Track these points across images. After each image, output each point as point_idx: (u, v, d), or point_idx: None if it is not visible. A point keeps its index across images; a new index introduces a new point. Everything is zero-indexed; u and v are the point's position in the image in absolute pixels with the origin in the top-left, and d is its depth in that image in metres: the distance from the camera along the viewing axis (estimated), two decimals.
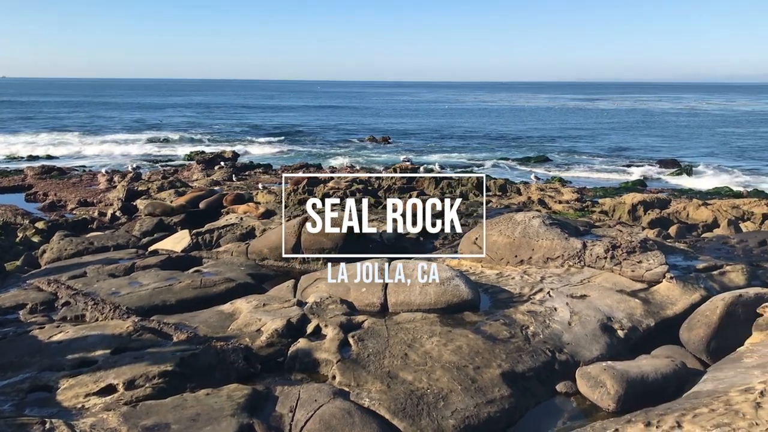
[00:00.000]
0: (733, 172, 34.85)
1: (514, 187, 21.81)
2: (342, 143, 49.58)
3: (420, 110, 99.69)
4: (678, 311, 7.71)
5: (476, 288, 8.02)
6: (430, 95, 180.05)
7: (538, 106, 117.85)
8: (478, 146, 48.28)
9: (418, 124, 71.03)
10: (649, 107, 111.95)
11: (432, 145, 49.09)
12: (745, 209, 16.28)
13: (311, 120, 75.39)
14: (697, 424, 5.00)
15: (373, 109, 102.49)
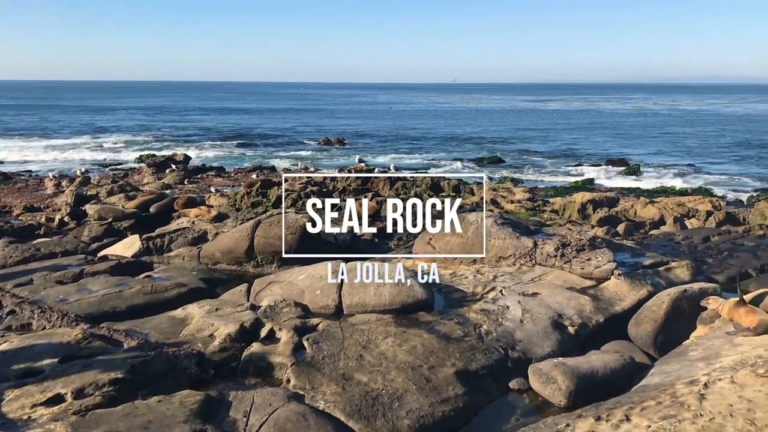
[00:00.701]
0: (679, 170, 35.87)
1: (467, 187, 22.03)
2: (296, 145, 49.36)
3: (374, 112, 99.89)
4: (626, 307, 7.90)
5: (430, 288, 8.08)
6: (385, 97, 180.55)
7: (491, 107, 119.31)
8: (432, 147, 48.63)
9: (373, 125, 71.18)
10: (598, 108, 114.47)
11: (387, 146, 49.25)
12: (690, 207, 16.79)
13: (265, 122, 74.85)
14: (644, 416, 5.14)
15: (327, 111, 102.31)
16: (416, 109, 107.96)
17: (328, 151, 44.97)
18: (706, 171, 35.71)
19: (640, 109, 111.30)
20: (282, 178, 24.68)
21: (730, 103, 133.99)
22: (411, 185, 21.55)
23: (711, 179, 32.62)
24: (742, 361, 5.93)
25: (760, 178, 33.59)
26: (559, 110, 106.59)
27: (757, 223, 14.29)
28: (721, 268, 9.76)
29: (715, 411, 5.07)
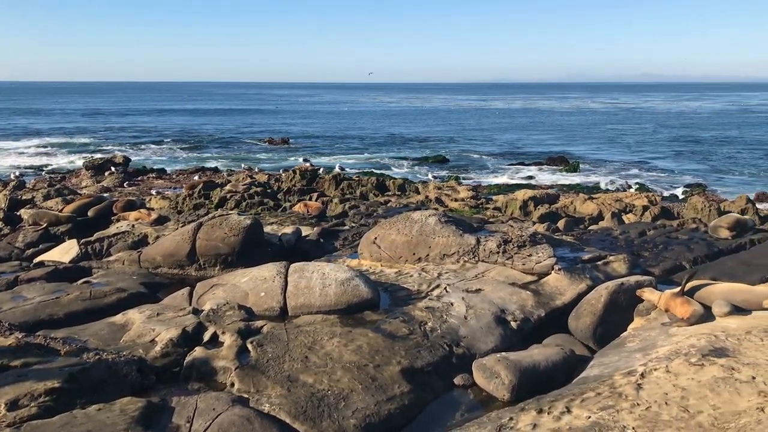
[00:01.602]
0: (616, 166, 36.91)
1: (412, 186, 22.17)
2: (240, 145, 48.77)
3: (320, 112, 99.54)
4: (566, 301, 8.09)
5: (376, 287, 8.10)
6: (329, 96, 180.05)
7: (436, 107, 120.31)
8: (378, 147, 48.77)
9: (318, 125, 70.92)
10: (538, 107, 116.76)
11: (332, 146, 49.14)
12: (627, 202, 17.29)
13: (208, 123, 73.74)
14: (584, 407, 5.27)
15: (271, 111, 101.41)
16: (362, 110, 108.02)
17: (272, 152, 44.59)
18: (643, 167, 36.84)
19: (578, 107, 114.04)
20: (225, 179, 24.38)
21: (664, 101, 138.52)
22: (357, 185, 21.56)
23: (648, 175, 33.68)
24: (677, 350, 6.14)
25: (694, 173, 34.85)
26: (502, 109, 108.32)
27: (690, 217, 14.81)
28: (656, 261, 10.08)
29: (651, 400, 5.24)
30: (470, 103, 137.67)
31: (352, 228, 12.98)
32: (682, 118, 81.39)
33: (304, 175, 22.65)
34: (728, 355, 5.84)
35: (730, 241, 11.04)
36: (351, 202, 17.47)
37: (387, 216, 12.40)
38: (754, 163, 39.09)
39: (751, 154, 43.11)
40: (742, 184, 31.27)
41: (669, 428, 4.78)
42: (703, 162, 39.41)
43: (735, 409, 4.92)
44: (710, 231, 11.63)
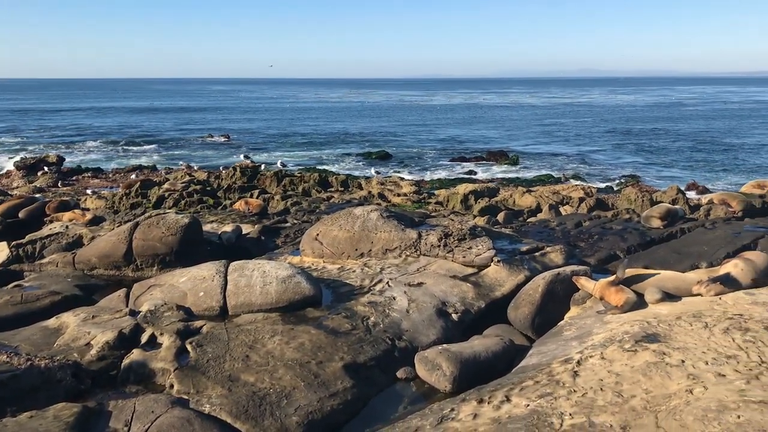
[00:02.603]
0: (554, 160, 37.73)
1: (355, 182, 22.18)
2: (180, 143, 47.83)
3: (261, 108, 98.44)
4: (505, 292, 8.22)
5: (318, 284, 8.06)
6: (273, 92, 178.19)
7: (379, 102, 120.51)
8: (320, 143, 48.58)
9: (260, 121, 70.16)
10: (479, 102, 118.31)
11: (274, 142, 48.70)
12: (564, 194, 17.71)
13: (147, 120, 72.07)
14: (523, 396, 5.38)
15: (212, 107, 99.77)
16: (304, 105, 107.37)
17: (212, 149, 43.89)
18: (580, 160, 37.77)
19: (517, 102, 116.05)
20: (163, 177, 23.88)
21: (599, 96, 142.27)
22: (299, 181, 21.44)
23: (585, 167, 34.55)
24: (611, 337, 6.32)
25: (630, 165, 35.95)
26: (443, 105, 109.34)
27: (624, 208, 15.28)
28: (592, 251, 10.34)
29: (587, 386, 5.38)
30: (413, 98, 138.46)
31: (294, 225, 12.90)
32: (618, 112, 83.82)
33: (244, 172, 22.39)
34: (659, 340, 6.04)
35: (662, 230, 11.42)
36: (293, 199, 17.35)
37: (329, 212, 12.36)
38: (686, 153, 40.59)
39: (683, 145, 44.77)
40: (675, 174, 32.45)
41: (604, 413, 4.91)
42: (639, 154, 40.71)
43: (666, 392, 5.09)
44: (643, 221, 12.01)
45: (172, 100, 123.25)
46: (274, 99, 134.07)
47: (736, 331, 6.04)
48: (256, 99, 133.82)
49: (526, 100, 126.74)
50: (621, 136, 51.59)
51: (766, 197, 14.60)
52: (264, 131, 58.23)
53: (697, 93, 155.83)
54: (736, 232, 10.87)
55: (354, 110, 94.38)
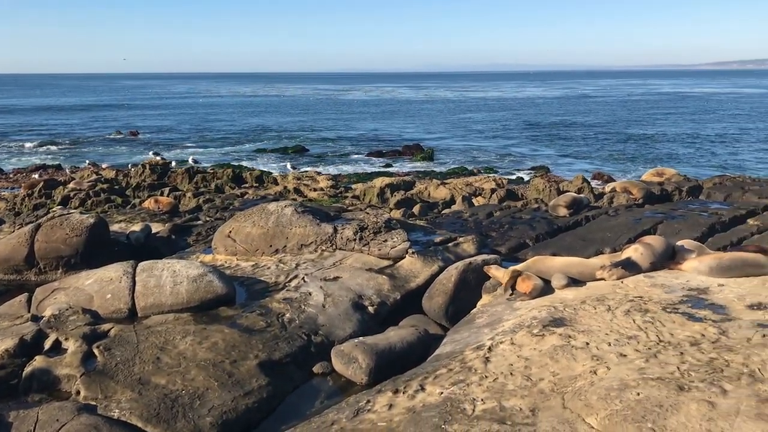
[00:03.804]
0: (468, 152, 38.51)
1: (270, 177, 21.92)
2: (86, 140, 45.89)
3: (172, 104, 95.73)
4: (420, 283, 8.33)
5: (231, 282, 7.92)
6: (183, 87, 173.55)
7: (294, 96, 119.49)
8: (234, 138, 47.71)
9: (171, 117, 68.20)
10: (395, 96, 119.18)
11: (186, 139, 47.48)
12: (477, 186, 18.11)
13: (52, 117, 68.79)
14: (437, 384, 5.46)
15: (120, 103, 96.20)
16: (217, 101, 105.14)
17: (120, 146, 42.36)
18: (493, 152, 38.69)
19: (432, 96, 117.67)
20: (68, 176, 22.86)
21: (510, 89, 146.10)
22: (212, 178, 20.99)
23: (497, 160, 35.43)
24: (520, 323, 6.51)
25: (540, 155, 37.10)
26: (360, 99, 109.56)
27: (533, 198, 15.77)
28: (503, 240, 10.62)
29: (498, 372, 5.52)
30: (329, 92, 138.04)
31: (206, 222, 12.62)
32: (529, 105, 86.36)
33: (154, 169, 21.72)
34: (566, 324, 6.26)
35: (568, 218, 11.85)
36: (205, 196, 16.98)
37: (243, 209, 12.15)
38: (593, 144, 42.28)
39: (590, 136, 46.63)
40: (583, 164, 33.74)
41: (514, 397, 5.06)
42: (549, 146, 42.11)
43: (572, 374, 5.29)
44: (550, 210, 12.43)
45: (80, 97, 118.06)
46: (186, 94, 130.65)
47: (636, 312, 6.34)
48: (167, 94, 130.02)
49: (440, 94, 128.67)
50: (532, 129, 53.22)
51: (664, 185, 15.41)
52: (175, 127, 56.66)
53: (602, 86, 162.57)
54: (637, 218, 11.42)
55: (269, 105, 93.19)
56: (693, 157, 36.76)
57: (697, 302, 6.51)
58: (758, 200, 13.35)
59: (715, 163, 34.30)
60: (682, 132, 49.85)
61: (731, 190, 14.70)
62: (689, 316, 6.13)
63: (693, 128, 52.81)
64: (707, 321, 5.99)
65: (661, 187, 14.98)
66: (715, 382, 4.76)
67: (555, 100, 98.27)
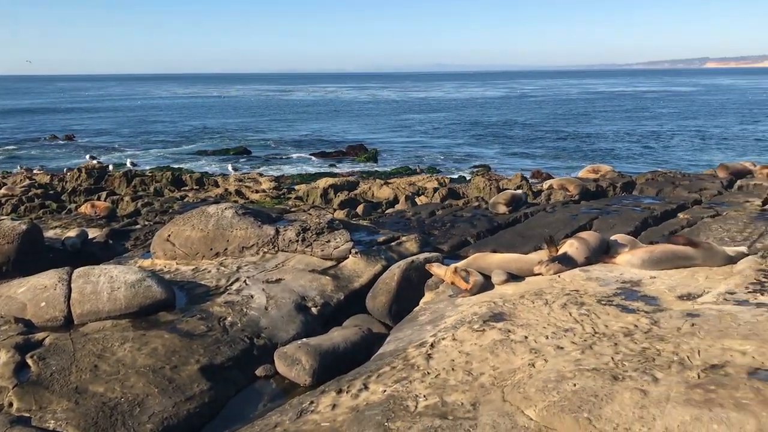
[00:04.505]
0: (411, 152, 38.76)
1: (211, 180, 21.61)
2: (19, 144, 44.27)
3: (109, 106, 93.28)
4: (364, 282, 8.37)
5: (170, 286, 7.79)
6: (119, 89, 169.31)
7: (235, 97, 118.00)
8: (174, 140, 46.84)
9: (108, 120, 66.45)
10: (338, 96, 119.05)
11: (123, 141, 46.34)
12: (420, 185, 18.26)
13: None
14: (380, 382, 5.49)
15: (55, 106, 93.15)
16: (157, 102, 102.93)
17: (55, 150, 41.04)
18: (436, 151, 39.05)
19: (375, 96, 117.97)
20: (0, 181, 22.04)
21: (452, 89, 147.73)
22: (150, 181, 20.55)
23: (440, 159, 35.79)
24: (462, 319, 6.60)
25: (481, 155, 37.64)
26: (303, 99, 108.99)
27: (473, 196, 16.00)
28: (445, 238, 10.76)
29: (440, 368, 5.59)
30: (271, 93, 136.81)
31: (145, 227, 12.37)
32: (471, 105, 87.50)
33: (90, 173, 21.14)
34: (505, 319, 6.38)
35: (508, 215, 12.08)
36: (144, 200, 16.61)
37: (183, 212, 11.94)
38: (533, 142, 43.15)
39: (530, 135, 47.57)
40: (524, 162, 34.39)
41: (456, 392, 5.13)
42: (490, 145, 42.76)
43: (511, 367, 5.39)
44: (490, 207, 12.65)
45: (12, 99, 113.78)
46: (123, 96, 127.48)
47: (572, 305, 6.51)
48: (103, 96, 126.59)
49: (383, 94, 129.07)
50: (474, 128, 53.94)
51: (599, 181, 15.86)
52: (113, 130, 55.22)
53: (540, 86, 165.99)
54: (574, 214, 11.74)
55: (210, 106, 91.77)
56: (628, 154, 37.93)
57: (630, 294, 6.74)
58: (688, 195, 13.89)
59: (650, 160, 35.48)
60: (618, 129, 51.37)
61: (663, 185, 15.24)
62: (623, 308, 6.33)
63: (628, 126, 54.49)
64: (640, 312, 6.20)
65: (597, 184, 15.42)
66: (647, 371, 4.93)
67: (496, 100, 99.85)
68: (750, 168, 16.14)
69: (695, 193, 14.00)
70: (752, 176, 15.48)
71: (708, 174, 17.40)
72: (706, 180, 15.81)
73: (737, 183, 15.02)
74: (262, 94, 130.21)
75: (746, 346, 5.22)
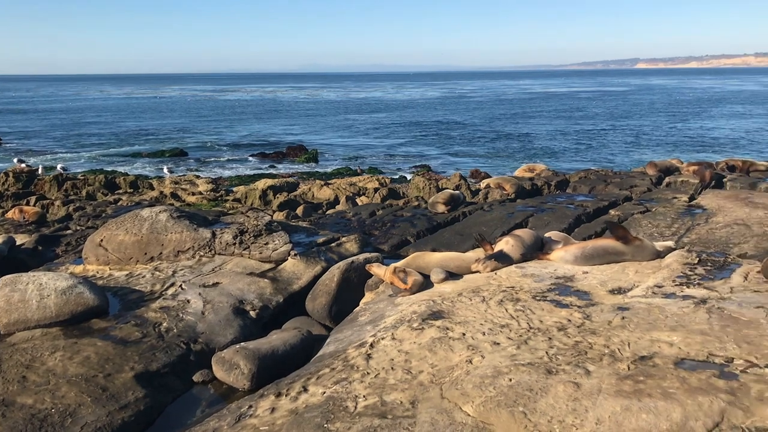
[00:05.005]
0: (352, 153, 38.75)
1: (146, 182, 21.11)
2: None
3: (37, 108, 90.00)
4: (303, 284, 8.32)
5: (103, 293, 7.57)
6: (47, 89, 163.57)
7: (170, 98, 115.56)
8: (108, 142, 45.56)
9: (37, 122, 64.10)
10: (278, 96, 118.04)
11: (54, 144, 44.79)
12: (361, 186, 18.28)
13: None
14: (320, 384, 5.48)
15: None
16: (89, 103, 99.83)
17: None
18: (377, 152, 39.15)
19: (315, 97, 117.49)
20: None
21: (392, 90, 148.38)
22: (82, 185, 19.93)
23: (381, 159, 35.90)
24: (401, 318, 6.65)
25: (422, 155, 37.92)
26: (241, 99, 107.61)
27: (413, 196, 16.13)
28: (385, 238, 10.80)
29: (380, 367, 5.61)
30: (208, 94, 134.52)
31: (76, 231, 11.98)
32: (410, 106, 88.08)
33: (18, 177, 20.36)
34: (444, 316, 6.46)
35: (446, 214, 12.22)
36: (76, 204, 16.09)
37: (117, 216, 11.63)
38: (471, 142, 43.74)
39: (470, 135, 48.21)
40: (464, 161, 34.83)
41: (395, 391, 5.16)
42: (431, 144, 43.14)
43: (449, 365, 5.46)
44: (429, 207, 12.78)
45: None
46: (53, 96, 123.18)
47: (508, 302, 6.64)
48: (32, 97, 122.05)
49: (323, 94, 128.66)
50: (414, 128, 54.32)
51: (534, 180, 16.21)
52: (43, 132, 53.29)
53: (478, 86, 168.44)
54: (510, 212, 11.96)
55: (145, 107, 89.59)
56: (563, 153, 38.88)
57: (564, 290, 6.92)
58: (619, 192, 14.34)
59: (584, 158, 36.47)
60: (553, 129, 52.63)
61: (595, 183, 15.70)
62: (557, 303, 6.49)
63: (563, 125, 55.89)
64: (573, 307, 6.37)
65: (532, 182, 15.75)
66: (580, 364, 5.07)
67: (435, 101, 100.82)
68: (677, 165, 16.77)
69: (626, 190, 14.47)
70: (679, 173, 16.08)
71: (638, 171, 18.02)
72: (637, 177, 16.36)
73: (665, 180, 15.58)
74: (198, 95, 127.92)
75: (673, 338, 5.44)
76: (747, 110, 70.52)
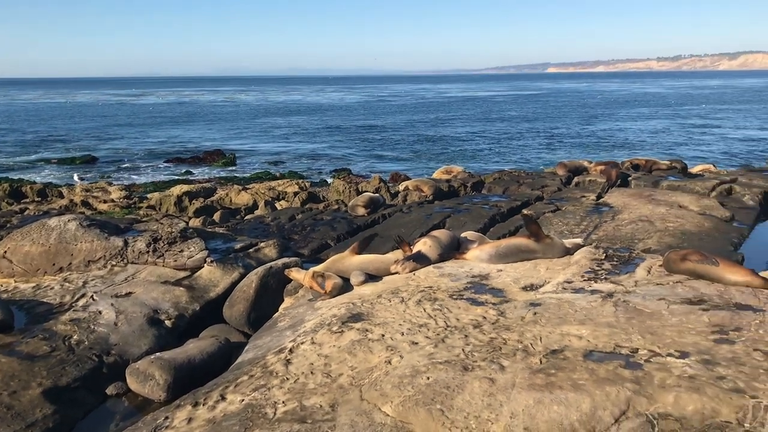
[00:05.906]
0: (272, 156, 38.38)
1: (55, 190, 20.23)
2: None
3: None
4: (220, 292, 8.18)
5: (7, 306, 7.21)
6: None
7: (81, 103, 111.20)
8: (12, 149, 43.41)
9: None
10: (194, 100, 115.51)
11: None
12: (280, 190, 18.12)
13: None
14: (238, 392, 5.40)
15: None
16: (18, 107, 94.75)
17: None
18: (297, 156, 38.92)
19: (232, 100, 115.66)
20: None
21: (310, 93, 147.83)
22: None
23: (301, 163, 35.70)
24: (321, 322, 6.64)
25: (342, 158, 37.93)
26: (156, 104, 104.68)
27: (333, 199, 16.13)
28: (305, 242, 10.75)
29: (299, 372, 5.58)
30: (120, 98, 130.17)
31: None
32: (330, 109, 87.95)
33: None
34: (363, 319, 6.49)
35: (367, 217, 12.29)
36: None
37: (22, 226, 11.10)
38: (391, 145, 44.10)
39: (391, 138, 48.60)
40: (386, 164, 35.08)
41: (314, 395, 5.15)
42: (351, 147, 43.23)
43: (368, 366, 5.49)
44: (350, 210, 12.81)
45: None
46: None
47: (426, 301, 6.75)
48: None
49: (241, 97, 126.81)
50: (335, 132, 54.29)
51: (451, 181, 16.52)
52: None
53: (397, 90, 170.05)
54: (428, 213, 12.14)
55: (53, 111, 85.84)
56: (480, 154, 39.76)
57: (479, 288, 7.09)
58: (531, 192, 14.81)
59: (499, 159, 37.42)
60: (470, 131, 53.74)
61: (508, 183, 16.15)
62: (472, 301, 6.65)
63: (480, 127, 57.15)
64: (488, 304, 6.54)
65: (449, 184, 16.04)
66: (495, 360, 5.21)
67: (355, 104, 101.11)
68: (585, 165, 17.45)
69: (537, 190, 14.95)
70: (587, 173, 16.74)
71: (549, 172, 18.66)
72: (547, 177, 16.93)
73: (575, 179, 16.19)
74: (110, 99, 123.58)
75: (582, 331, 5.67)
76: (651, 112, 74.23)
